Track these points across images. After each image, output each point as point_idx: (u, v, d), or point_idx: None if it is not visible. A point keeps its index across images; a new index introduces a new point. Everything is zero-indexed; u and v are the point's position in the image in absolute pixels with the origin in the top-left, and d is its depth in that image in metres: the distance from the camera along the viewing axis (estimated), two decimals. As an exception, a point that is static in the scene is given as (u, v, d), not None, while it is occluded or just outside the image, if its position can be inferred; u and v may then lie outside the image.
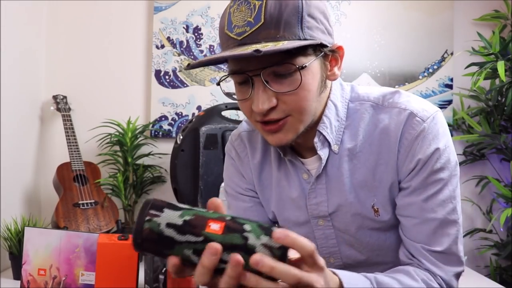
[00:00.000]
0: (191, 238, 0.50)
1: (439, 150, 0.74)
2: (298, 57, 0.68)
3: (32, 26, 1.89)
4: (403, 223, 0.78)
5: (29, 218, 1.66)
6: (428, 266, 0.74)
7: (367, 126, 0.79)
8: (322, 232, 0.85)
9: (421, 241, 0.75)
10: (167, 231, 0.50)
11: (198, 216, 0.51)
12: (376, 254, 0.83)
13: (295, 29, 0.68)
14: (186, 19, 1.96)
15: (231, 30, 0.69)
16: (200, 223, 0.51)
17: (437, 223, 0.74)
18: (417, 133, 0.74)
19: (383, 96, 0.80)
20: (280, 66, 0.68)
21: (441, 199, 0.74)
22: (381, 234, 0.82)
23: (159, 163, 1.96)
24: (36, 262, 1.13)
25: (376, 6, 1.95)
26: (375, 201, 0.79)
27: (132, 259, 1.11)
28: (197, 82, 1.96)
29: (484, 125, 1.80)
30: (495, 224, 1.89)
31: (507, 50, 1.72)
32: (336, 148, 0.79)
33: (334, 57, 0.75)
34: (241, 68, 0.70)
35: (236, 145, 0.94)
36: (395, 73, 1.95)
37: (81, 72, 1.99)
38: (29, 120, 1.87)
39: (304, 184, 0.84)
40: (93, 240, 1.13)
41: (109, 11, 1.99)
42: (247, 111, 0.74)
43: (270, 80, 0.70)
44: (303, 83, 0.69)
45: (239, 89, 0.74)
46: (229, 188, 0.96)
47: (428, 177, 0.74)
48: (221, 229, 0.50)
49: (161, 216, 0.51)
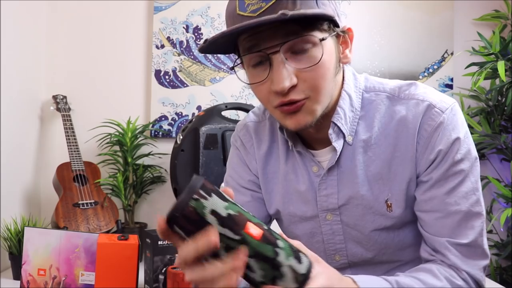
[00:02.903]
0: (229, 233, 0.49)
1: (460, 140, 0.73)
2: (315, 31, 0.67)
3: (32, 26, 1.89)
4: (424, 219, 0.76)
5: (29, 218, 1.66)
6: (453, 260, 0.72)
7: (383, 117, 0.78)
8: (329, 228, 0.83)
9: (445, 235, 0.73)
10: (210, 217, 0.49)
11: (241, 214, 0.51)
12: (383, 252, 0.82)
13: (311, 2, 0.67)
14: (186, 19, 1.96)
15: (245, 9, 0.67)
16: (241, 222, 0.50)
17: (461, 216, 0.72)
18: (436, 124, 0.73)
19: (399, 88, 0.79)
20: (299, 39, 0.66)
21: (464, 191, 0.73)
22: (390, 232, 0.80)
23: (159, 163, 1.96)
24: (36, 262, 1.13)
25: (376, 6, 1.95)
26: (390, 195, 0.77)
27: (132, 259, 1.11)
28: (197, 82, 1.96)
29: (484, 125, 1.80)
30: (495, 224, 1.89)
31: (507, 50, 1.72)
32: (351, 139, 0.78)
33: (344, 40, 0.75)
34: (257, 44, 0.68)
35: (242, 135, 0.92)
36: (395, 73, 1.95)
37: (81, 72, 1.99)
38: (29, 120, 1.87)
39: (313, 178, 0.82)
40: (93, 240, 1.13)
41: (109, 11, 1.99)
42: (264, 95, 0.72)
43: (288, 57, 0.68)
44: (322, 60, 0.68)
45: (254, 72, 0.72)
46: (230, 179, 0.94)
47: (450, 169, 0.73)
48: (259, 236, 0.50)
49: (208, 200, 0.49)
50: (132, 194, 1.89)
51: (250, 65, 0.72)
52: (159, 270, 1.28)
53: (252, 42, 0.68)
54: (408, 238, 0.81)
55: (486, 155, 1.91)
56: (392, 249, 0.82)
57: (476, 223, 0.73)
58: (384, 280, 0.68)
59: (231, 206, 0.51)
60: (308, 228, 0.86)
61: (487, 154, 1.92)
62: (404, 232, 0.81)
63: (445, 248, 0.73)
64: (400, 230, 0.80)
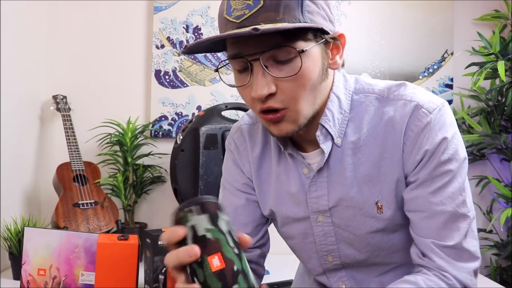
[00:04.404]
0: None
1: (447, 140, 0.72)
2: (298, 41, 0.67)
3: (32, 26, 1.89)
4: (412, 219, 0.75)
5: (29, 218, 1.66)
6: (439, 263, 0.71)
7: (372, 119, 0.78)
8: (321, 229, 0.84)
9: (430, 236, 0.73)
10: (188, 230, 0.54)
11: (217, 242, 0.53)
12: (376, 254, 0.82)
13: (295, 12, 0.67)
14: (186, 19, 1.96)
15: (230, 14, 0.68)
16: (210, 249, 0.52)
17: (446, 217, 0.72)
18: (423, 125, 0.72)
19: (388, 89, 0.79)
20: (279, 49, 0.67)
21: (450, 192, 0.72)
22: (384, 235, 0.80)
23: (159, 163, 1.96)
24: (36, 262, 1.13)
25: (376, 6, 1.95)
26: (380, 197, 0.77)
27: (132, 259, 1.11)
28: (197, 82, 1.96)
29: (484, 125, 1.80)
30: (495, 224, 1.89)
31: (507, 50, 1.72)
32: (339, 141, 0.78)
33: (335, 45, 0.74)
34: (240, 52, 0.69)
35: (236, 138, 0.93)
36: (395, 73, 1.95)
37: (81, 72, 1.99)
38: (29, 120, 1.87)
39: (304, 179, 0.82)
40: (93, 240, 1.13)
41: (109, 11, 1.99)
42: (248, 99, 0.73)
43: (269, 65, 0.68)
44: (303, 69, 0.68)
45: (239, 77, 0.73)
46: (226, 181, 0.94)
47: (436, 169, 0.72)
48: (216, 268, 0.51)
49: (195, 217, 0.53)
50: (132, 194, 1.89)
51: (235, 69, 0.73)
52: (159, 270, 1.28)
53: (235, 50, 0.70)
54: (401, 241, 0.81)
55: (486, 155, 1.91)
56: (386, 251, 0.82)
57: (462, 225, 0.72)
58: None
59: (214, 233, 0.53)
60: (301, 229, 0.86)
61: (487, 154, 1.92)
62: (397, 235, 0.80)
63: (431, 251, 0.72)
64: (394, 234, 0.80)
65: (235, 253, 0.53)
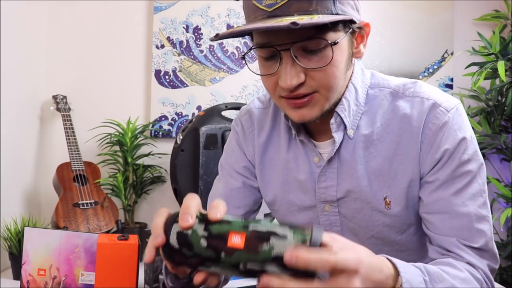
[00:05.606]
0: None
1: (466, 140, 0.72)
2: (329, 33, 0.67)
3: (32, 26, 1.89)
4: (431, 221, 0.74)
5: (29, 218, 1.66)
6: (469, 258, 0.71)
7: (386, 113, 0.77)
8: (327, 218, 0.83)
9: (455, 236, 0.71)
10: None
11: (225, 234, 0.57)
12: (379, 249, 0.81)
13: (328, 2, 0.66)
14: (186, 19, 1.96)
15: (260, 1, 0.67)
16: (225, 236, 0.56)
17: (470, 219, 0.71)
18: (441, 123, 0.72)
19: (403, 85, 0.79)
20: (311, 41, 0.66)
21: (471, 193, 0.72)
22: (392, 233, 0.80)
23: (159, 163, 1.96)
24: (36, 262, 1.13)
25: (376, 6, 1.95)
26: (389, 193, 0.77)
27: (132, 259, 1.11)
28: (197, 82, 1.96)
29: (484, 125, 1.80)
30: (495, 224, 1.89)
31: (507, 50, 1.72)
32: (352, 133, 0.78)
33: (360, 34, 0.74)
34: (270, 41, 0.68)
35: (244, 120, 0.92)
36: (395, 73, 1.94)
37: (81, 72, 1.99)
38: (29, 120, 1.87)
39: (313, 168, 0.82)
40: (93, 240, 1.12)
41: (109, 11, 1.99)
42: (271, 86, 0.72)
43: (299, 55, 0.68)
44: (333, 60, 0.68)
45: (264, 64, 0.72)
46: (225, 162, 0.94)
47: (456, 169, 0.72)
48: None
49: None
50: (132, 194, 1.89)
51: (261, 56, 0.72)
52: (159, 270, 1.28)
53: (264, 39, 0.69)
54: (408, 243, 0.81)
55: (486, 155, 1.91)
56: (389, 248, 0.81)
57: (485, 227, 0.72)
58: (413, 266, 0.64)
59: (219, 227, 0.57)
60: (306, 218, 0.85)
61: (487, 154, 1.91)
62: (405, 236, 0.80)
63: (457, 247, 0.71)
64: (402, 234, 0.79)
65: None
